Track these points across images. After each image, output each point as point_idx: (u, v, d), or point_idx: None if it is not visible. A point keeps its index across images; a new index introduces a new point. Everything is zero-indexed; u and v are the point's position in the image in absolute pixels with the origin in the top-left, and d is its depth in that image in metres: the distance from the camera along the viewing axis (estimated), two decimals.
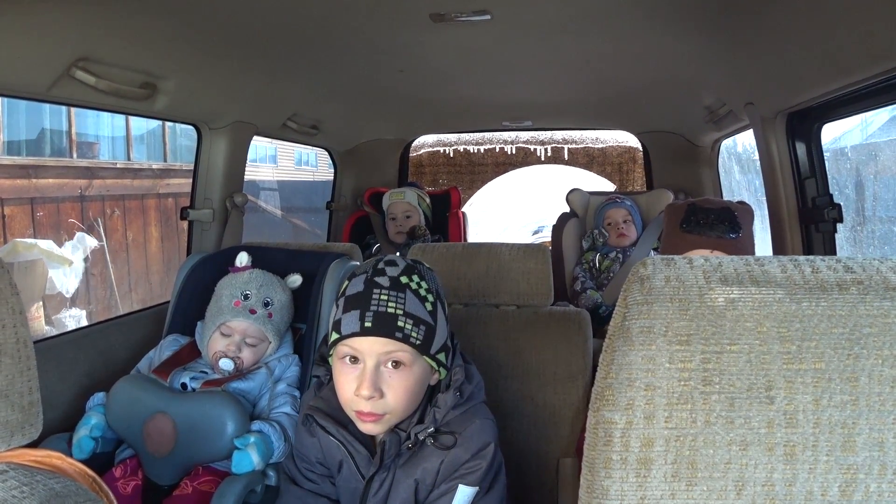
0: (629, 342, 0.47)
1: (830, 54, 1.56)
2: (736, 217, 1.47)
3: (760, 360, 0.47)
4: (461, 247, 1.90)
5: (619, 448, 0.47)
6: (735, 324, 0.47)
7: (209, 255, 1.98)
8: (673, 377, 0.47)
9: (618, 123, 3.67)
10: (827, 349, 0.47)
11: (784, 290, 0.48)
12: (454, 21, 1.70)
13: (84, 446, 1.49)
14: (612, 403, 0.47)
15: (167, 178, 7.15)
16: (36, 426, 0.74)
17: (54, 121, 6.25)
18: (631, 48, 2.04)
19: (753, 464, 0.46)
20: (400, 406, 1.17)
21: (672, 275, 0.49)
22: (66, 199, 5.88)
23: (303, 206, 9.06)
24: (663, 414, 0.47)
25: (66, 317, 5.55)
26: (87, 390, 1.70)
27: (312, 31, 1.79)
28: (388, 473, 1.23)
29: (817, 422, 0.46)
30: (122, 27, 1.53)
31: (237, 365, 1.63)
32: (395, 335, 1.14)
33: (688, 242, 1.45)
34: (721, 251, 1.41)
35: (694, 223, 1.46)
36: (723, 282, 0.49)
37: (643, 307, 0.48)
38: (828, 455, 0.46)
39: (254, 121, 2.41)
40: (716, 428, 0.47)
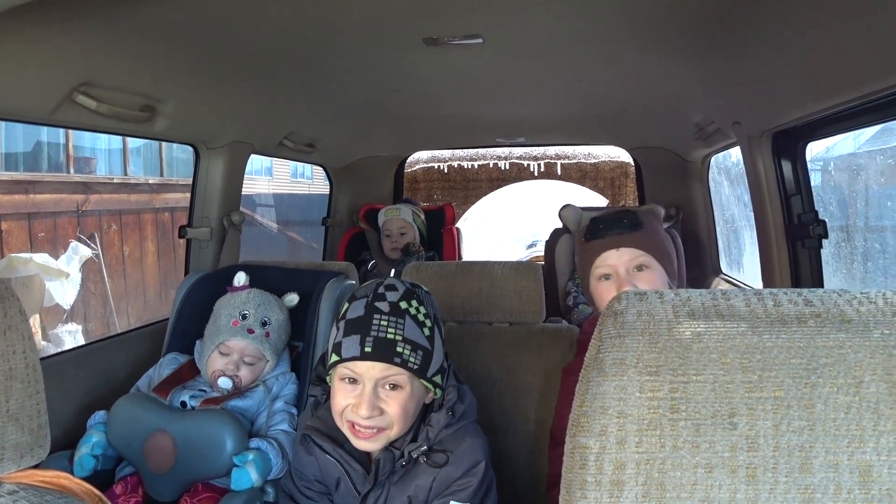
0: (603, 373, 0.51)
1: (813, 76, 1.60)
2: (636, 214, 1.47)
3: (724, 388, 0.50)
4: (455, 265, 1.93)
5: (593, 471, 0.50)
6: (700, 355, 0.51)
7: (207, 273, 2.01)
8: (643, 405, 0.50)
9: (610, 139, 3.71)
10: (786, 378, 0.50)
11: (747, 324, 0.51)
12: (447, 45, 1.74)
13: (85, 464, 1.52)
14: (586, 430, 0.51)
15: (164, 193, 7.17)
16: (44, 447, 0.77)
17: (51, 136, 6.27)
18: (620, 68, 2.08)
19: (718, 485, 0.50)
20: (397, 423, 1.21)
21: (644, 309, 0.53)
22: (63, 215, 5.90)
23: (299, 219, 9.07)
24: (634, 439, 0.50)
25: (64, 332, 5.54)
26: (88, 408, 1.73)
27: (308, 53, 1.82)
28: (383, 490, 1.27)
29: (777, 446, 0.50)
30: (122, 52, 1.56)
31: (235, 383, 1.66)
32: (394, 360, 1.18)
33: (592, 249, 1.46)
34: (626, 247, 1.43)
35: (593, 231, 1.48)
36: (690, 316, 0.52)
37: (616, 340, 0.51)
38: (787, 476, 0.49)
39: (251, 140, 2.44)
40: (683, 452, 0.50)
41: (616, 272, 1.44)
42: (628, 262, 1.43)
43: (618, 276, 1.43)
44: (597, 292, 1.48)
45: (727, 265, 3.40)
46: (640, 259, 1.44)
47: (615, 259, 1.44)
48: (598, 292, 1.47)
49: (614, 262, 1.43)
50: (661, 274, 1.45)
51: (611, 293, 1.41)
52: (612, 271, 1.44)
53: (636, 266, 1.43)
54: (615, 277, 1.44)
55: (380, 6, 1.49)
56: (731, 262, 3.38)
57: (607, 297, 1.41)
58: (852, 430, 0.50)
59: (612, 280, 1.44)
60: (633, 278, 1.42)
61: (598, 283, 1.47)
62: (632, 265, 1.43)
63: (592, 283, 1.49)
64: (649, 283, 1.43)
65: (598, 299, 1.48)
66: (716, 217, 3.40)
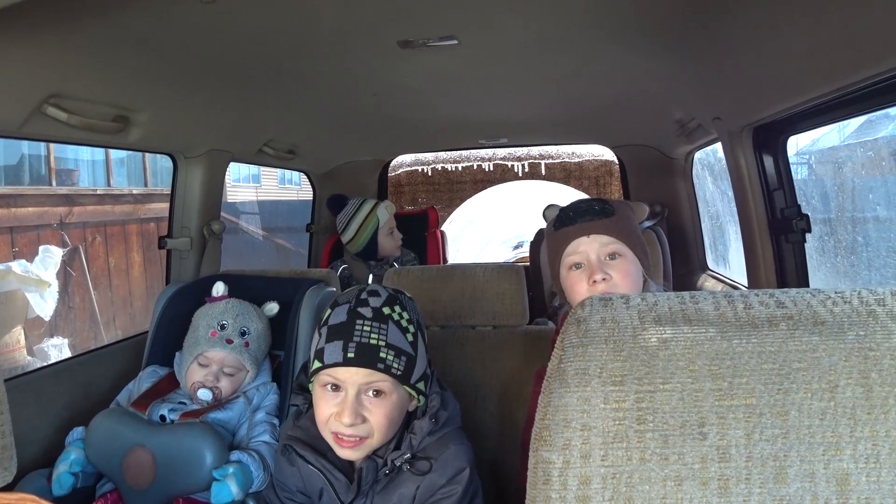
0: (565, 384, 0.49)
1: (790, 71, 1.60)
2: (607, 202, 1.41)
3: (693, 397, 0.48)
4: (436, 269, 1.91)
5: (557, 486, 0.49)
6: (668, 363, 0.49)
7: (186, 285, 1.98)
8: (608, 417, 0.48)
9: (593, 138, 3.70)
10: (758, 385, 0.48)
11: (716, 329, 0.49)
12: (422, 47, 1.73)
13: (64, 482, 1.49)
14: (549, 444, 0.49)
15: (148, 203, 7.12)
16: (10, 469, 0.74)
17: (32, 148, 6.21)
18: (599, 67, 2.07)
19: (688, 498, 0.48)
20: (380, 431, 1.19)
21: (608, 316, 0.51)
22: (47, 227, 5.84)
23: (288, 226, 9.04)
24: (599, 453, 0.48)
25: (49, 346, 5.47)
26: (67, 424, 1.70)
27: (283, 60, 1.80)
28: (367, 500, 1.25)
29: (749, 455, 0.48)
30: (92, 63, 1.54)
31: (215, 395, 1.64)
32: (377, 366, 1.16)
33: (562, 237, 1.38)
34: (597, 233, 1.35)
35: (563, 218, 1.40)
36: (656, 322, 0.50)
37: (578, 349, 0.50)
38: (761, 487, 0.48)
39: (229, 148, 2.42)
40: (651, 465, 0.48)
41: (587, 260, 1.35)
42: (599, 249, 1.35)
43: (589, 263, 1.35)
44: (567, 283, 1.39)
45: (713, 261, 3.40)
46: (612, 246, 1.35)
47: (586, 246, 1.35)
48: (570, 283, 1.38)
49: (585, 248, 1.35)
50: (634, 262, 1.37)
51: (582, 283, 1.34)
52: (583, 259, 1.36)
53: (608, 254, 1.35)
54: (586, 266, 1.35)
55: (353, 11, 1.47)
56: (718, 258, 3.38)
57: (578, 288, 1.35)
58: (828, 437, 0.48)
59: (584, 269, 1.35)
60: (606, 266, 1.34)
61: (569, 272, 1.38)
62: (603, 252, 1.35)
63: (563, 273, 1.40)
64: (623, 271, 1.35)
65: (570, 290, 1.39)
66: (701, 213, 3.41)
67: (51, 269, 5.34)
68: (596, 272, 1.33)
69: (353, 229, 2.96)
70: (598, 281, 1.32)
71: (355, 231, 2.96)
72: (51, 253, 5.43)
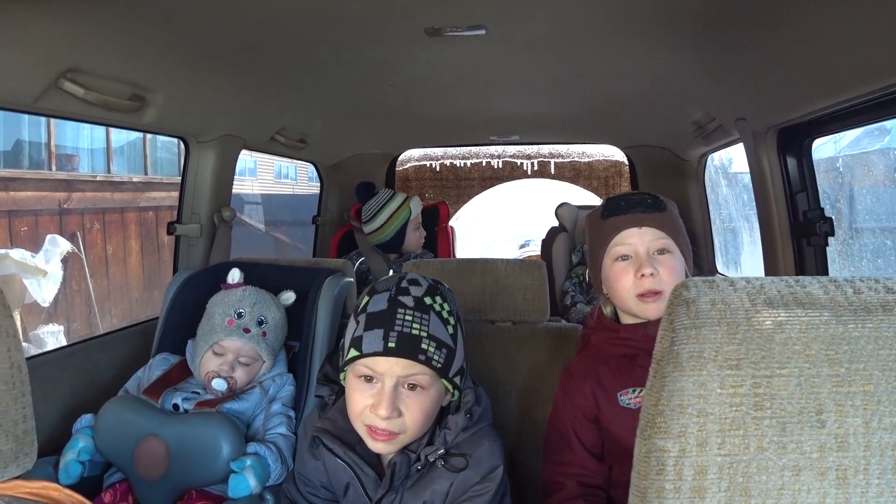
0: (679, 368, 0.46)
1: (821, 72, 1.58)
2: (659, 198, 1.38)
3: (810, 383, 0.46)
4: (456, 262, 1.88)
5: (672, 477, 0.45)
6: (784, 347, 0.47)
7: (199, 271, 1.94)
8: (725, 402, 0.46)
9: (604, 138, 3.68)
10: (875, 371, 0.46)
11: (830, 312, 0.47)
12: (449, 36, 1.70)
13: (71, 471, 1.44)
14: (664, 431, 0.46)
15: (148, 192, 7.07)
16: (31, 455, 0.71)
17: (33, 133, 6.16)
18: (623, 63, 2.04)
19: (806, 489, 0.46)
20: (415, 427, 1.15)
21: (717, 297, 0.48)
22: (45, 213, 5.78)
23: (285, 220, 9.00)
24: (716, 441, 0.46)
25: (45, 332, 5.42)
26: (73, 411, 1.65)
27: (304, 45, 1.77)
28: (397, 496, 1.22)
29: (868, 445, 0.45)
30: (111, 38, 1.51)
31: (230, 385, 1.60)
32: (419, 357, 1.12)
33: (610, 226, 1.34)
34: (649, 226, 1.31)
35: (613, 207, 1.36)
36: (768, 304, 0.48)
37: (691, 331, 0.46)
38: (879, 478, 0.45)
39: (242, 134, 2.38)
40: (768, 454, 0.46)
41: (636, 252, 1.31)
42: (650, 242, 1.31)
43: (637, 256, 1.31)
44: (611, 274, 1.34)
45: (724, 265, 3.38)
46: (662, 241, 1.31)
47: (636, 238, 1.31)
48: (614, 273, 1.33)
49: (635, 241, 1.31)
50: (680, 260, 1.33)
51: (627, 276, 1.30)
52: (631, 251, 1.32)
53: (658, 248, 1.31)
54: (634, 258, 1.31)
55: None
56: (728, 262, 3.36)
57: (623, 280, 1.31)
58: None
59: (631, 262, 1.31)
60: (655, 261, 1.30)
61: (614, 264, 1.34)
62: (654, 247, 1.31)
63: (607, 264, 1.35)
64: (670, 267, 1.31)
65: (612, 282, 1.34)
66: (712, 216, 3.39)
67: (55, 259, 5.27)
68: (645, 266, 1.29)
69: (382, 219, 2.92)
70: (647, 275, 1.28)
71: (384, 220, 2.92)
72: (56, 243, 5.36)
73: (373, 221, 2.93)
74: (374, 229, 2.93)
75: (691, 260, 1.40)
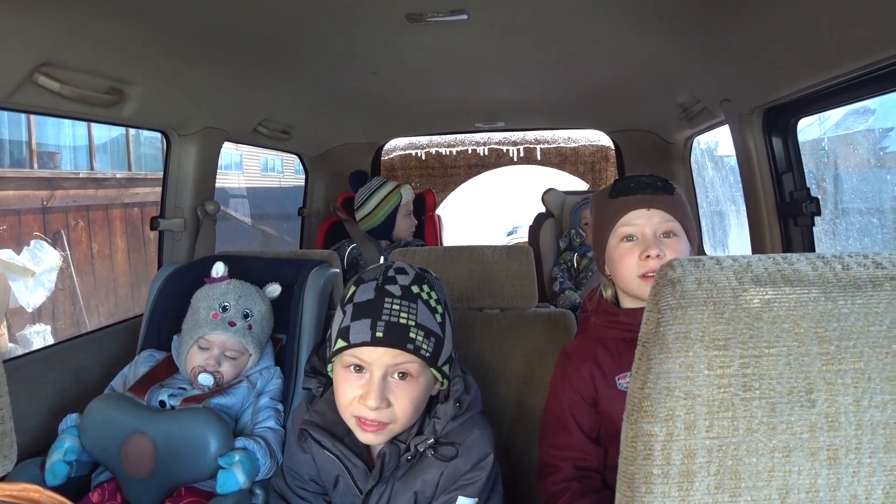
0: (665, 349, 0.45)
1: (806, 50, 1.57)
2: (668, 182, 1.37)
3: (800, 362, 0.45)
4: (443, 250, 1.86)
5: (659, 461, 0.44)
6: (772, 325, 0.46)
7: (183, 265, 1.92)
8: (713, 384, 0.45)
9: (590, 122, 3.68)
10: (865, 348, 0.45)
11: (819, 289, 0.46)
12: (430, 21, 1.68)
13: (58, 471, 1.42)
14: (650, 415, 0.45)
15: (132, 188, 7.00)
16: (10, 458, 0.70)
17: (13, 131, 6.07)
18: (607, 47, 2.03)
19: (797, 470, 0.45)
20: (405, 417, 1.14)
21: (703, 276, 0.47)
22: (28, 212, 5.71)
23: (272, 212, 8.94)
24: (704, 423, 0.45)
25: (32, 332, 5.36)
26: (59, 411, 1.63)
27: (285, 33, 1.75)
28: (387, 486, 1.21)
29: (859, 423, 0.45)
30: (87, 30, 1.48)
31: (217, 379, 1.58)
32: (407, 346, 1.10)
33: (618, 206, 1.33)
34: (658, 208, 1.31)
35: (622, 187, 1.35)
36: (756, 282, 0.47)
37: (677, 312, 0.45)
38: (871, 457, 0.45)
39: (224, 126, 2.35)
40: (758, 435, 0.45)
41: (642, 234, 1.31)
42: (657, 224, 1.30)
43: (644, 237, 1.30)
44: (616, 253, 1.34)
45: (711, 247, 3.39)
46: (669, 224, 1.31)
47: (644, 220, 1.31)
48: (618, 254, 1.33)
49: (642, 222, 1.30)
50: (686, 244, 1.33)
51: (632, 256, 1.30)
52: (637, 232, 1.31)
53: (664, 231, 1.31)
54: (640, 239, 1.30)
55: None
56: (716, 244, 3.37)
57: (628, 260, 1.30)
58: None
59: (637, 243, 1.31)
60: (661, 244, 1.29)
61: (619, 244, 1.33)
62: (660, 229, 1.30)
63: (612, 243, 1.35)
64: (675, 250, 1.30)
65: (616, 262, 1.34)
66: (698, 199, 3.39)
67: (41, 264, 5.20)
68: (651, 247, 1.28)
69: (372, 204, 2.94)
70: (652, 256, 1.28)
71: (374, 206, 2.94)
72: (41, 247, 5.29)
73: (364, 207, 2.96)
74: (364, 215, 2.95)
75: (697, 245, 1.40)
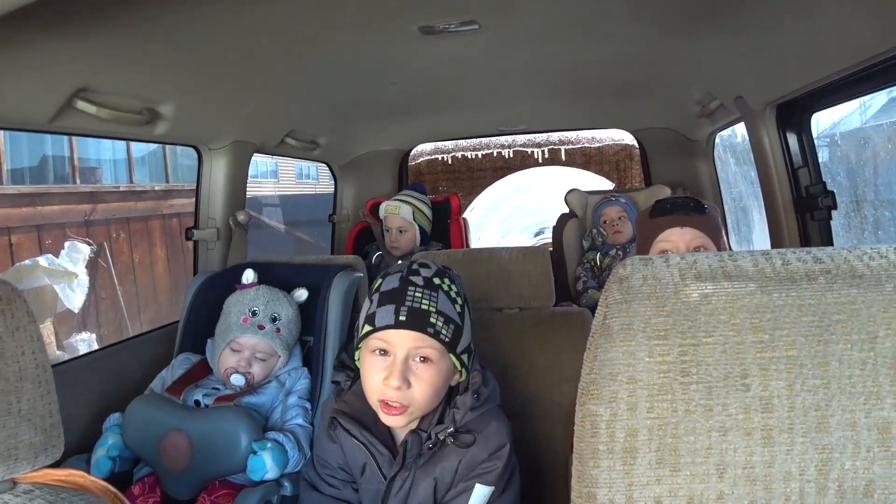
0: (610, 339, 0.50)
1: (816, 44, 1.59)
2: (701, 203, 1.57)
3: (735, 350, 0.49)
4: (462, 252, 1.93)
5: (605, 439, 0.50)
6: (710, 317, 0.50)
7: (215, 273, 2.01)
8: (653, 370, 0.49)
9: (612, 122, 3.69)
10: (798, 337, 0.49)
11: (756, 283, 0.50)
12: (443, 33, 1.73)
13: (102, 466, 1.53)
14: (596, 397, 0.50)
15: (170, 199, 7.18)
16: (58, 447, 0.77)
17: (56, 148, 6.29)
18: (619, 49, 2.06)
19: (733, 448, 0.49)
20: (424, 399, 1.22)
21: (649, 273, 0.52)
22: (72, 225, 5.92)
23: (307, 219, 9.09)
24: (645, 405, 0.49)
25: (78, 340, 5.55)
26: (103, 411, 1.74)
27: (304, 50, 1.82)
28: (409, 473, 1.28)
29: (792, 406, 0.48)
30: (119, 57, 1.56)
31: (248, 380, 1.67)
32: (427, 330, 1.19)
33: (656, 226, 1.54)
34: (689, 226, 1.51)
35: (660, 209, 1.56)
36: (697, 278, 0.51)
37: (622, 305, 0.50)
38: (803, 437, 0.48)
39: (252, 139, 2.44)
40: (695, 416, 0.49)
41: (677, 248, 1.51)
42: (689, 241, 1.51)
43: (678, 252, 1.49)
44: None
45: (737, 243, 3.38)
46: (699, 240, 1.51)
47: (677, 236, 1.52)
48: None
49: (676, 238, 1.51)
50: None
51: None
52: (672, 247, 1.52)
53: (696, 246, 1.51)
54: None
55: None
56: (741, 240, 3.35)
57: None
58: (869, 386, 0.48)
59: None
60: None
61: None
62: (692, 244, 1.51)
63: None
64: None
65: None
66: (723, 195, 3.38)
67: (80, 264, 5.38)
68: None
69: None
70: None
71: None
72: (76, 249, 5.48)
73: None
74: None
75: None
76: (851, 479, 0.49)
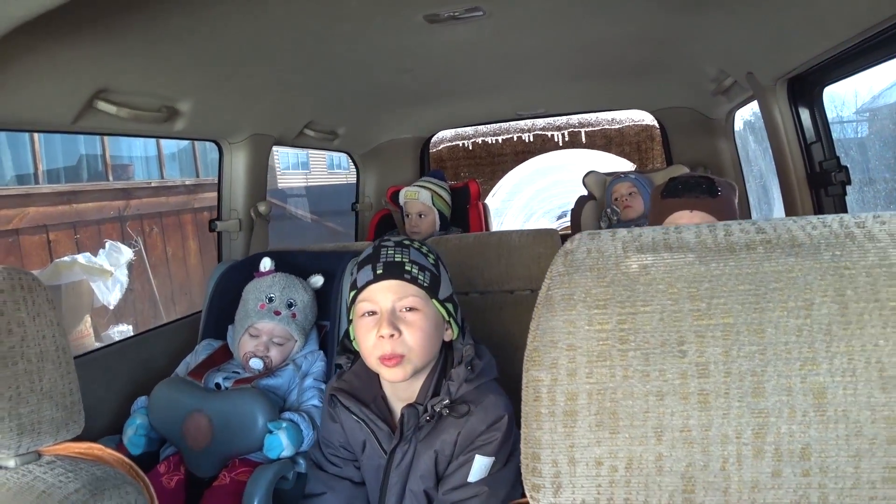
0: (552, 309, 0.53)
1: (817, 17, 1.58)
2: (714, 182, 1.48)
3: (672, 318, 0.51)
4: (472, 237, 1.96)
5: (547, 402, 0.53)
6: (648, 287, 0.51)
7: (235, 262, 2.08)
8: (592, 338, 0.52)
9: (630, 102, 3.65)
10: (735, 304, 0.50)
11: (695, 254, 0.52)
12: (449, 21, 1.75)
13: (136, 442, 1.63)
14: (538, 364, 0.53)
15: (201, 193, 7.33)
16: (79, 423, 0.84)
17: (89, 147, 6.46)
18: (627, 28, 2.06)
19: (670, 412, 0.50)
20: (417, 345, 1.26)
21: (594, 247, 0.54)
22: (106, 221, 6.09)
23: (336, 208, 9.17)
24: (584, 371, 0.52)
25: (115, 332, 5.72)
26: (131, 396, 1.82)
27: (313, 42, 1.84)
28: (409, 446, 1.32)
29: (728, 371, 0.50)
30: (135, 58, 1.61)
31: (266, 363, 1.73)
32: (404, 276, 1.26)
33: (667, 207, 1.48)
34: (700, 210, 1.43)
35: (672, 189, 1.49)
36: (638, 250, 0.53)
37: (565, 277, 0.53)
38: (739, 401, 0.50)
39: (271, 132, 2.49)
40: (633, 381, 0.51)
41: None
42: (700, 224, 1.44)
43: None
44: None
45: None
46: None
47: (687, 219, 1.44)
48: None
49: (686, 221, 1.42)
50: None
51: None
52: None
53: None
54: None
55: None
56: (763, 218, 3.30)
57: None
58: (804, 352, 0.50)
59: None
60: None
61: None
62: None
63: None
64: None
65: None
66: (745, 173, 3.34)
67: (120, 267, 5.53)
68: None
69: None
70: None
71: None
72: (117, 249, 5.63)
73: None
74: None
75: None
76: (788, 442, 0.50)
